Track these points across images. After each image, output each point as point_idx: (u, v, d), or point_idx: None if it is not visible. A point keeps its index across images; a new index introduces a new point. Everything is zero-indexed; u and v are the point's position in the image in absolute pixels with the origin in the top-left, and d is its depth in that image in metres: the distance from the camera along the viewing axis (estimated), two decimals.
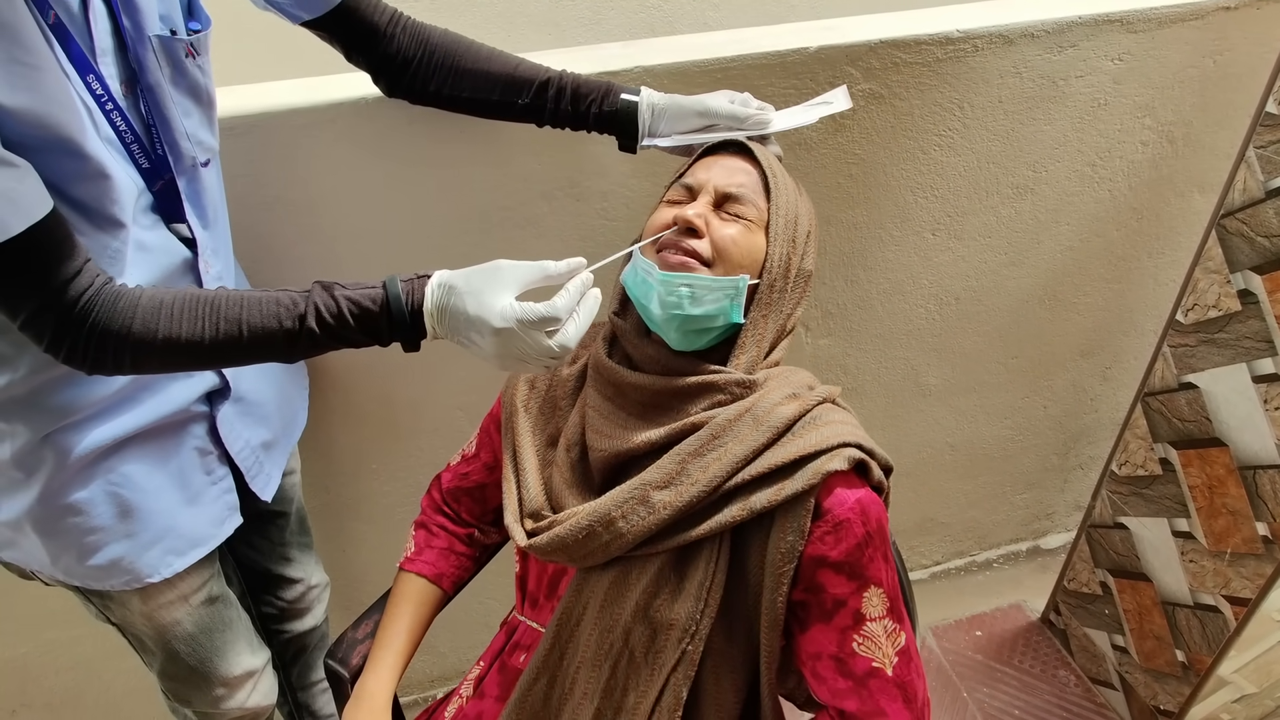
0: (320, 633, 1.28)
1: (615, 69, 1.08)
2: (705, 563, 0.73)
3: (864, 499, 0.72)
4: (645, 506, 0.72)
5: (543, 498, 0.80)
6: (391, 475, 1.37)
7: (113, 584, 0.88)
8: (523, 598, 0.90)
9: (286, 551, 1.17)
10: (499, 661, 0.89)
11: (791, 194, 0.81)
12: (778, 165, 0.83)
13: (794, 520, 0.71)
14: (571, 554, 0.76)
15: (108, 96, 0.72)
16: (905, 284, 1.42)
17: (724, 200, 0.78)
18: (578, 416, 0.81)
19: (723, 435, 0.73)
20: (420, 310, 0.72)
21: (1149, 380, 1.37)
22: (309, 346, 0.72)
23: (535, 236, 1.19)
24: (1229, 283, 1.19)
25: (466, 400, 1.32)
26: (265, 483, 1.00)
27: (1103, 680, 1.60)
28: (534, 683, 0.80)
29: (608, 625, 0.76)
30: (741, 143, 0.84)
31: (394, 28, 0.92)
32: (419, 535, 0.97)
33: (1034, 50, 1.22)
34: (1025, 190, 1.37)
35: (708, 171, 0.80)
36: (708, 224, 0.76)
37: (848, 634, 0.72)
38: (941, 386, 1.58)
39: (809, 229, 0.82)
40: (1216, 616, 1.31)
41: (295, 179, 1.07)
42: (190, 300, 0.70)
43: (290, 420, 1.07)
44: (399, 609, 0.92)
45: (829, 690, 0.74)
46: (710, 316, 0.75)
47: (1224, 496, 1.26)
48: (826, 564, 0.71)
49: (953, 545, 1.88)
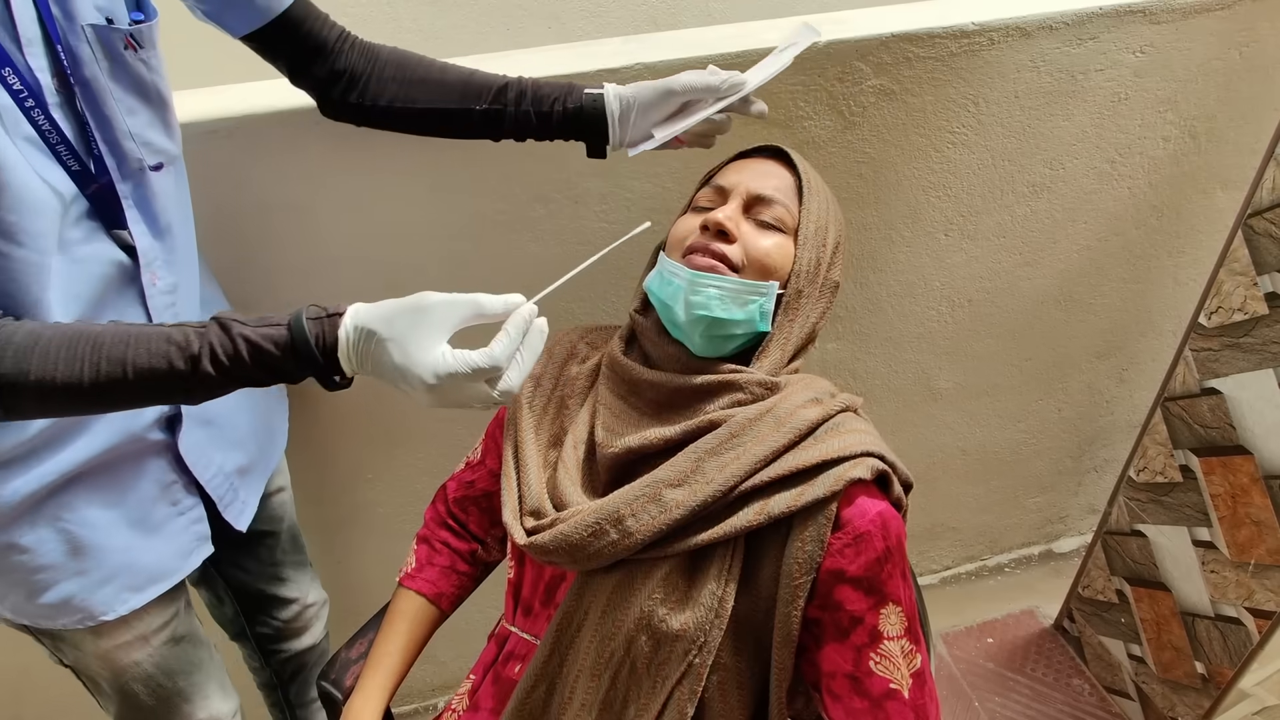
0: (320, 650, 1.25)
1: (615, 66, 1.04)
2: (717, 570, 0.69)
3: (885, 513, 0.70)
4: (656, 504, 0.68)
5: (544, 495, 0.77)
6: (387, 485, 1.34)
7: (64, 623, 0.83)
8: (514, 606, 0.86)
9: (279, 571, 1.13)
10: (492, 672, 0.86)
11: (824, 200, 0.79)
12: (813, 171, 0.81)
13: (814, 529, 0.68)
14: (574, 554, 0.72)
15: (28, 93, 0.66)
16: (916, 286, 1.38)
17: (755, 203, 0.77)
18: (587, 415, 0.78)
19: (742, 434, 0.70)
20: (335, 353, 0.64)
21: (1169, 384, 1.32)
22: (207, 390, 0.64)
23: (531, 240, 1.15)
24: (1255, 285, 1.15)
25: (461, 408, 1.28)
26: (240, 511, 0.95)
27: (1118, 690, 1.56)
28: (532, 690, 0.77)
29: (609, 633, 0.72)
30: (776, 147, 0.82)
31: (342, 44, 0.87)
32: (420, 550, 0.94)
33: (1052, 43, 1.18)
34: (1042, 188, 1.32)
35: (739, 174, 0.79)
36: (739, 227, 0.75)
37: (864, 652, 0.69)
38: (953, 390, 1.54)
39: (838, 239, 0.80)
40: (1239, 629, 1.27)
41: (283, 182, 1.03)
42: (70, 337, 0.62)
43: (268, 441, 1.02)
44: (394, 628, 0.89)
45: (844, 709, 0.71)
46: (736, 322, 0.73)
47: (1248, 506, 1.22)
48: (845, 579, 0.68)
49: (963, 550, 1.84)
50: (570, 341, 0.87)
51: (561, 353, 0.86)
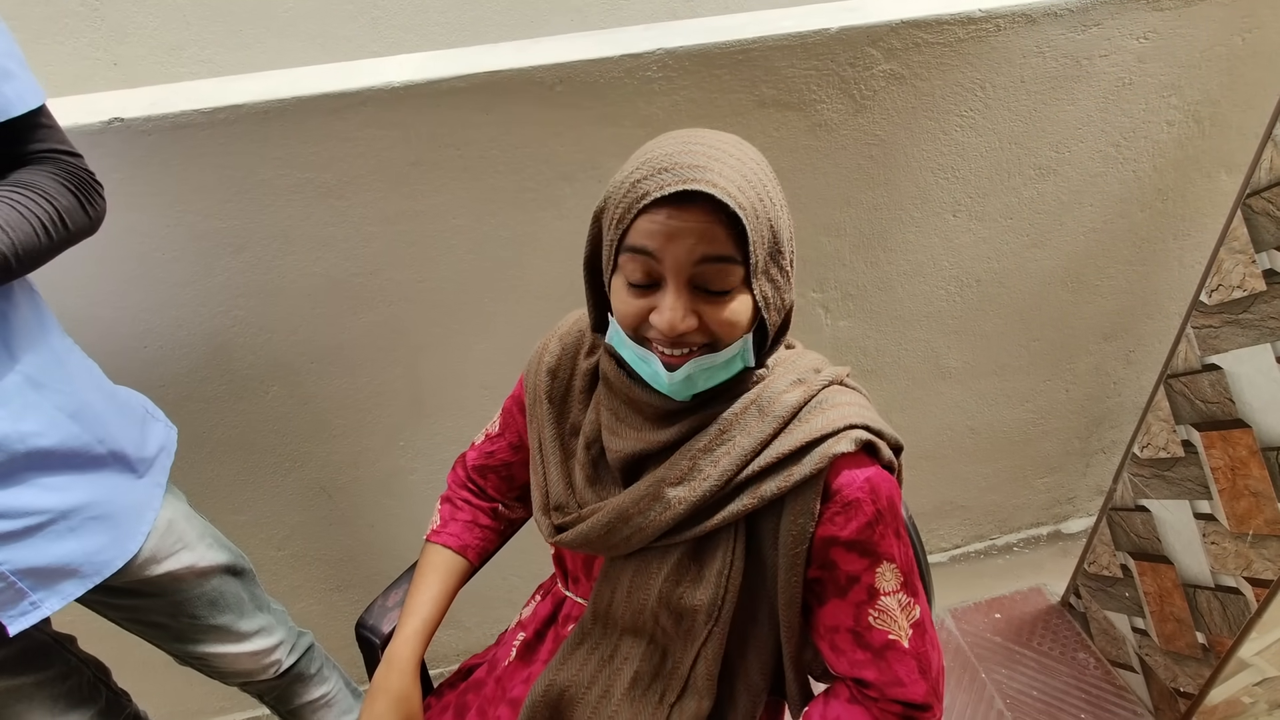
0: (293, 673, 1.20)
1: (638, 51, 1.09)
2: (723, 551, 0.75)
3: (873, 477, 0.73)
4: (661, 503, 0.74)
5: (566, 492, 0.83)
6: (418, 452, 1.40)
7: None
8: (564, 575, 0.94)
9: (194, 634, 1.05)
10: (552, 630, 0.93)
11: (764, 210, 0.65)
12: (745, 191, 0.64)
13: (803, 504, 0.72)
14: (595, 547, 0.80)
15: None
16: (926, 266, 1.42)
17: (698, 277, 0.65)
18: (594, 414, 0.82)
19: (730, 429, 0.74)
20: None
21: (1172, 362, 1.36)
22: None
23: (556, 217, 1.21)
24: (1254, 263, 1.18)
25: (490, 379, 1.34)
26: (23, 613, 0.83)
27: (1122, 663, 1.60)
28: (580, 642, 0.85)
29: (637, 609, 0.80)
30: (686, 191, 0.63)
31: None
32: (444, 509, 1.00)
33: (1057, 29, 1.21)
34: (1048, 171, 1.36)
35: (666, 247, 0.64)
36: (696, 319, 0.67)
37: (863, 608, 0.74)
38: (962, 369, 1.58)
39: (789, 229, 0.69)
40: (1238, 598, 1.31)
41: (325, 162, 1.10)
42: None
43: (116, 540, 0.90)
44: (426, 579, 0.95)
45: (848, 661, 0.76)
46: (725, 376, 0.73)
47: (1246, 478, 1.25)
48: (838, 543, 0.73)
49: (972, 529, 1.88)
50: (580, 329, 0.89)
51: (573, 342, 0.88)
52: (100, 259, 1.10)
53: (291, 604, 1.52)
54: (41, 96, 0.81)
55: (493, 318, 1.28)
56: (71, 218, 0.82)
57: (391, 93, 1.06)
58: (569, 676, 0.84)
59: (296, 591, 1.52)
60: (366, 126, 1.08)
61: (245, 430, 1.30)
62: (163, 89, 1.07)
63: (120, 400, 0.95)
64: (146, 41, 1.74)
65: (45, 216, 0.79)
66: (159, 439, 0.99)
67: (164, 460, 0.99)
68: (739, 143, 0.68)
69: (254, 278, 1.16)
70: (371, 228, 1.16)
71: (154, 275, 1.13)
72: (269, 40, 1.79)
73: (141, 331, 1.17)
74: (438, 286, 1.23)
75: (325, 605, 1.56)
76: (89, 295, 1.13)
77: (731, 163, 0.65)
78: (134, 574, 0.95)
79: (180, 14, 1.73)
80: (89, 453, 0.87)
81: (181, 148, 1.04)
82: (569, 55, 1.09)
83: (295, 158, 1.08)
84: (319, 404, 1.31)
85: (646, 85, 1.12)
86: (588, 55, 1.09)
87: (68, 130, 0.99)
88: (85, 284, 1.12)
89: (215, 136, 1.04)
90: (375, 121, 1.08)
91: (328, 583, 1.54)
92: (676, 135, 0.68)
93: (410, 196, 1.15)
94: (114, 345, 1.17)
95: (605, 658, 0.84)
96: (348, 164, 1.10)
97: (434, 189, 1.15)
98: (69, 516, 0.85)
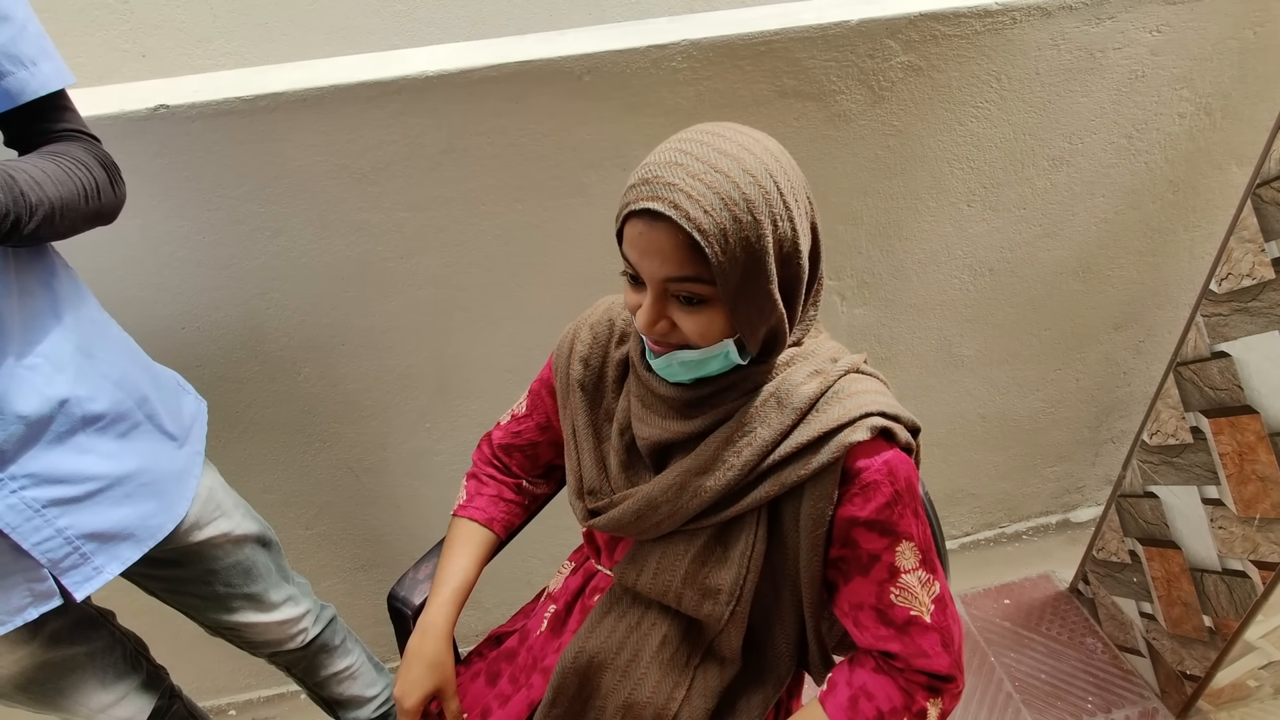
0: (318, 644, 1.24)
1: (664, 41, 1.12)
2: (746, 535, 0.79)
3: (891, 459, 0.75)
4: (688, 492, 0.78)
5: (600, 477, 0.87)
6: (444, 434, 1.44)
7: None
8: (595, 550, 0.98)
9: (229, 603, 1.09)
10: (580, 602, 0.97)
11: (741, 231, 0.63)
12: (719, 213, 0.63)
13: (822, 489, 0.76)
14: (627, 530, 0.84)
15: None
16: (940, 254, 1.45)
17: (670, 283, 0.67)
18: (626, 402, 0.85)
19: (751, 422, 0.76)
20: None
21: (1181, 350, 1.39)
22: None
23: (583, 205, 1.24)
24: (1263, 251, 1.21)
25: (515, 363, 1.38)
26: (87, 579, 0.86)
27: (1129, 647, 1.63)
28: (609, 610, 0.90)
29: (662, 589, 0.84)
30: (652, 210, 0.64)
31: None
32: (470, 485, 1.03)
33: (1072, 22, 1.24)
34: (1061, 162, 1.38)
35: (640, 257, 0.67)
36: (670, 322, 0.70)
37: (885, 586, 0.77)
38: (974, 357, 1.61)
39: (800, 241, 0.68)
40: (1244, 581, 1.33)
41: (360, 149, 1.13)
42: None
43: (164, 506, 0.94)
44: (455, 550, 0.98)
45: (872, 636, 0.80)
46: (709, 370, 0.75)
47: (1254, 463, 1.28)
48: (859, 523, 0.76)
49: (983, 516, 1.91)
50: (609, 318, 0.90)
51: (603, 331, 0.90)
52: (141, 242, 1.13)
53: (317, 582, 1.56)
54: (72, 79, 0.84)
55: (519, 303, 1.32)
56: (103, 191, 0.84)
57: (425, 82, 1.09)
58: (598, 643, 0.88)
59: (323, 570, 1.56)
60: (400, 115, 1.11)
61: (277, 410, 1.34)
62: (205, 77, 1.11)
63: (155, 373, 0.99)
64: (174, 34, 1.78)
65: (87, 181, 0.81)
66: (191, 410, 1.03)
67: (199, 430, 1.03)
68: (751, 150, 0.65)
69: (290, 261, 1.20)
70: (403, 213, 1.20)
71: (194, 258, 1.17)
72: (293, 33, 1.83)
73: (180, 313, 1.21)
74: (465, 271, 1.27)
75: (350, 584, 1.60)
76: (130, 277, 1.16)
77: (717, 179, 0.63)
78: (178, 540, 0.99)
79: (207, 7, 1.77)
80: (134, 419, 0.91)
81: (224, 134, 1.08)
82: (597, 46, 1.12)
83: (331, 144, 1.12)
84: (348, 385, 1.34)
85: (671, 76, 1.15)
86: (615, 46, 1.12)
87: (112, 117, 1.02)
88: (126, 266, 1.15)
89: (256, 123, 1.08)
90: (409, 110, 1.11)
91: (353, 561, 1.57)
92: (688, 136, 0.67)
93: (441, 183, 1.18)
94: (153, 326, 1.20)
95: (633, 624, 0.88)
96: (381, 151, 1.14)
97: (464, 176, 1.18)
98: (124, 483, 0.88)
